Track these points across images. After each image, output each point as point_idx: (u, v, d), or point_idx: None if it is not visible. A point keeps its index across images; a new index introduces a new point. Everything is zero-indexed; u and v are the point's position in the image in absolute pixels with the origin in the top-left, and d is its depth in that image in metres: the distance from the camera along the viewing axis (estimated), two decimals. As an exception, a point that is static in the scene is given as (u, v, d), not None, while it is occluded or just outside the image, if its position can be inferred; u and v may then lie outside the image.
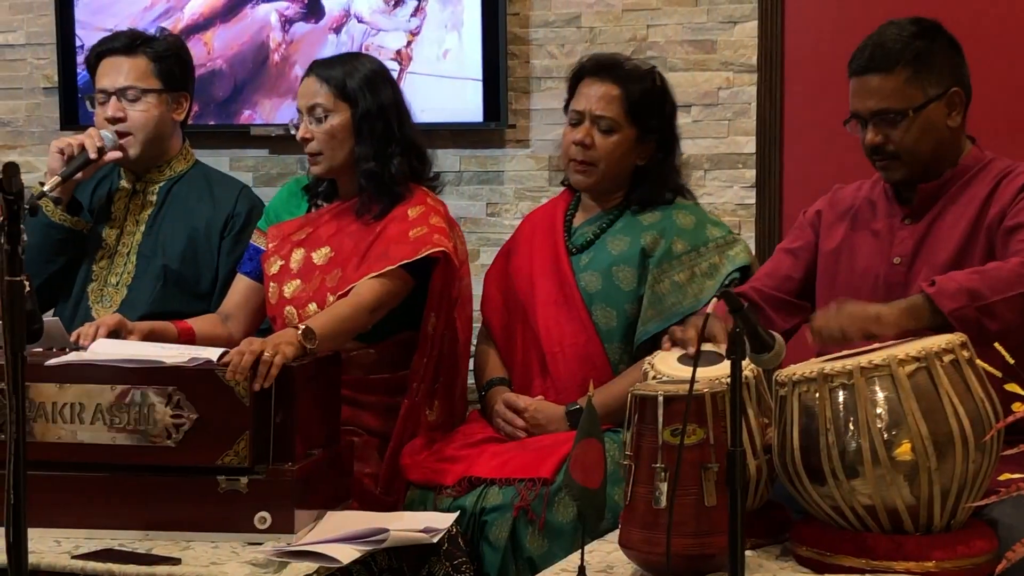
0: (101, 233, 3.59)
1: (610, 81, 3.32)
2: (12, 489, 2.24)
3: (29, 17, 4.74)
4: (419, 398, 3.29)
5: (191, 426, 2.78)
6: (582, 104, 3.32)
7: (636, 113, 3.30)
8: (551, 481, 3.02)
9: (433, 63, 4.31)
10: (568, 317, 3.30)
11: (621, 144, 3.30)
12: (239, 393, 2.77)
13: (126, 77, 3.50)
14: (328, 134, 3.31)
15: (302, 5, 4.41)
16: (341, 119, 3.31)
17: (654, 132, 3.33)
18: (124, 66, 3.52)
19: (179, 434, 2.78)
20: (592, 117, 3.30)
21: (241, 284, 3.47)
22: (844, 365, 2.50)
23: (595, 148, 3.29)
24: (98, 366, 2.83)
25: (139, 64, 3.52)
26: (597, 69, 3.35)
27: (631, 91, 3.30)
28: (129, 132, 3.50)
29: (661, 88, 3.36)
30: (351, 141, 3.32)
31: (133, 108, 3.50)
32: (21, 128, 4.80)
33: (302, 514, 2.80)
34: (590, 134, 3.30)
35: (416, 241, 3.24)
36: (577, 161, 3.31)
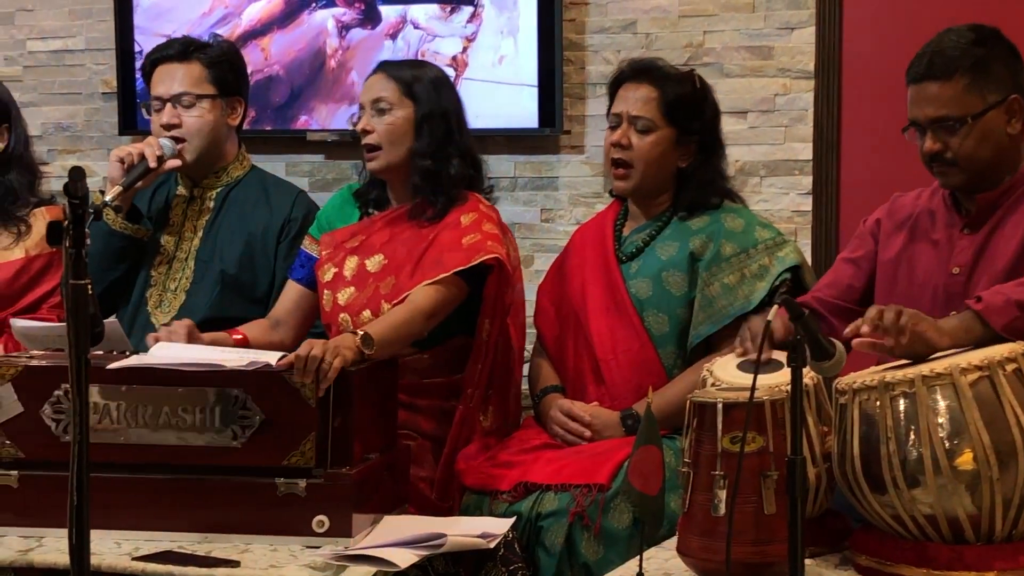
0: (160, 239, 3.61)
1: (647, 83, 3.32)
2: (75, 491, 2.26)
3: (88, 23, 4.79)
4: (474, 404, 3.30)
5: (257, 427, 2.80)
6: (620, 107, 3.34)
7: (673, 113, 3.30)
8: (607, 487, 3.01)
9: (489, 69, 4.32)
10: (621, 324, 3.30)
11: (658, 144, 3.30)
12: (305, 395, 2.79)
13: (180, 83, 3.53)
14: (389, 127, 3.33)
15: (359, 11, 4.43)
16: (403, 115, 3.34)
17: (694, 134, 3.33)
18: (178, 73, 3.54)
19: (245, 435, 2.80)
20: (629, 118, 3.31)
21: (292, 291, 3.49)
22: (905, 374, 2.49)
23: (632, 148, 3.30)
24: (160, 369, 2.85)
25: (193, 70, 3.55)
26: (635, 73, 3.36)
27: (667, 92, 3.31)
28: (184, 138, 3.53)
29: (701, 90, 3.35)
30: (410, 139, 3.34)
31: (188, 114, 3.53)
32: (80, 133, 4.85)
33: (360, 518, 2.81)
34: (627, 135, 3.30)
35: (470, 248, 3.25)
36: (615, 163, 3.32)
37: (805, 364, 2.31)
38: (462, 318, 3.32)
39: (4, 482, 2.86)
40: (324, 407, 2.82)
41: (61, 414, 2.86)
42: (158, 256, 3.61)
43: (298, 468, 2.80)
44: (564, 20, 4.25)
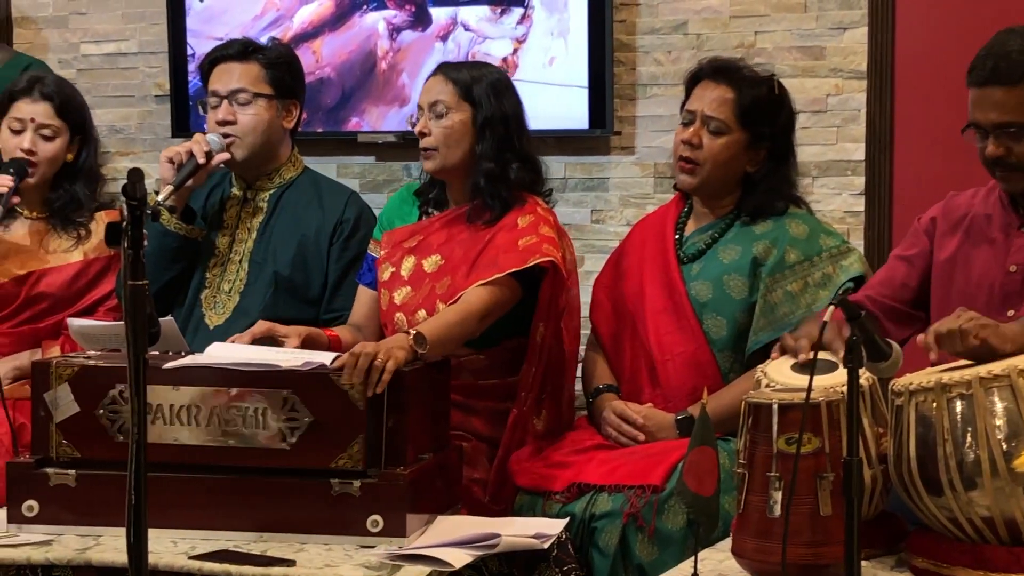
0: (214, 241, 3.63)
1: (725, 84, 3.31)
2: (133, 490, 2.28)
3: (142, 26, 4.83)
4: (527, 407, 3.30)
5: (305, 429, 2.81)
6: (695, 105, 3.32)
7: (747, 118, 3.28)
8: (661, 488, 3.01)
9: (539, 70, 4.31)
10: (678, 326, 3.29)
11: (729, 147, 3.29)
12: (353, 397, 2.80)
13: (238, 80, 3.55)
14: (446, 130, 3.34)
15: (410, 13, 4.44)
16: (461, 118, 3.35)
17: (766, 139, 3.31)
18: (236, 71, 3.57)
19: (293, 437, 2.81)
20: (703, 117, 3.29)
21: (364, 296, 3.50)
22: (963, 375, 2.47)
23: (702, 148, 3.29)
24: (214, 369, 2.87)
25: (251, 69, 3.57)
26: (714, 72, 3.34)
27: (744, 95, 3.29)
28: (236, 135, 3.55)
29: (779, 97, 3.33)
30: (467, 142, 3.35)
31: (243, 112, 3.55)
32: (133, 135, 4.88)
33: (413, 518, 2.82)
34: (698, 134, 3.29)
35: (525, 250, 3.25)
36: (683, 159, 3.31)
37: (861, 365, 2.30)
38: (518, 320, 3.32)
39: (62, 481, 2.88)
40: (374, 409, 2.82)
41: (116, 414, 2.89)
42: (212, 258, 3.63)
43: (348, 470, 2.81)
44: (614, 21, 4.24)
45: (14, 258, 3.70)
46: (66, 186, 3.73)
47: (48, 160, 3.67)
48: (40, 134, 3.66)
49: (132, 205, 2.29)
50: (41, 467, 2.90)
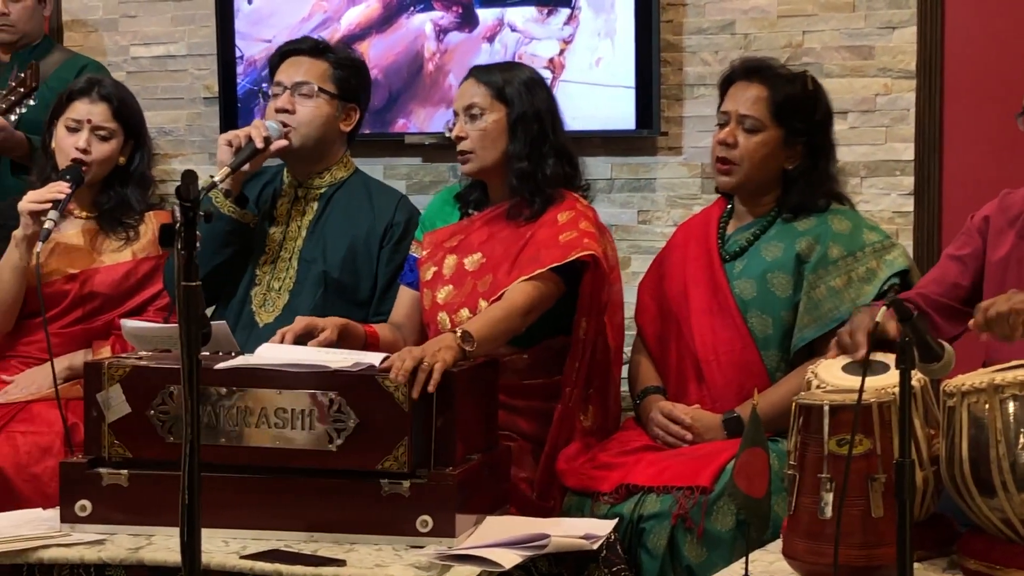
0: (265, 236, 3.65)
1: (758, 82, 3.32)
2: (187, 490, 2.30)
3: (190, 28, 4.86)
4: (573, 403, 3.31)
5: (352, 431, 2.82)
6: (729, 105, 3.33)
7: (782, 114, 3.28)
8: (710, 489, 3.00)
9: (586, 71, 4.31)
10: (723, 325, 3.28)
11: (765, 144, 3.29)
12: (398, 399, 2.81)
13: (304, 74, 3.58)
14: (481, 132, 3.36)
15: (456, 15, 4.45)
16: (495, 119, 3.36)
17: (802, 135, 3.31)
18: (305, 65, 3.60)
19: (340, 438, 2.82)
20: (738, 117, 3.30)
21: (406, 295, 3.52)
22: (1016, 376, 2.46)
23: (738, 147, 3.29)
24: (264, 370, 2.88)
25: (319, 66, 3.60)
26: (746, 72, 3.35)
27: (777, 92, 3.30)
28: (292, 125, 3.56)
29: (813, 93, 3.33)
30: (504, 142, 3.36)
31: (303, 104, 3.57)
32: (182, 137, 4.91)
33: (463, 518, 2.83)
34: (733, 133, 3.30)
35: (566, 245, 3.26)
36: (720, 160, 3.31)
37: (914, 366, 2.29)
38: (560, 318, 3.33)
39: (114, 481, 2.91)
40: (425, 409, 2.83)
41: (167, 415, 2.90)
42: (263, 255, 3.65)
43: (393, 473, 2.81)
44: (661, 21, 4.24)
45: (65, 257, 3.73)
46: (117, 188, 3.77)
47: (101, 161, 3.70)
48: (96, 134, 3.69)
49: (185, 207, 2.31)
50: (94, 467, 2.93)
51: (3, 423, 3.48)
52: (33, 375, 3.64)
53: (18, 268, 3.58)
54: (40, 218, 3.51)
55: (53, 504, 3.08)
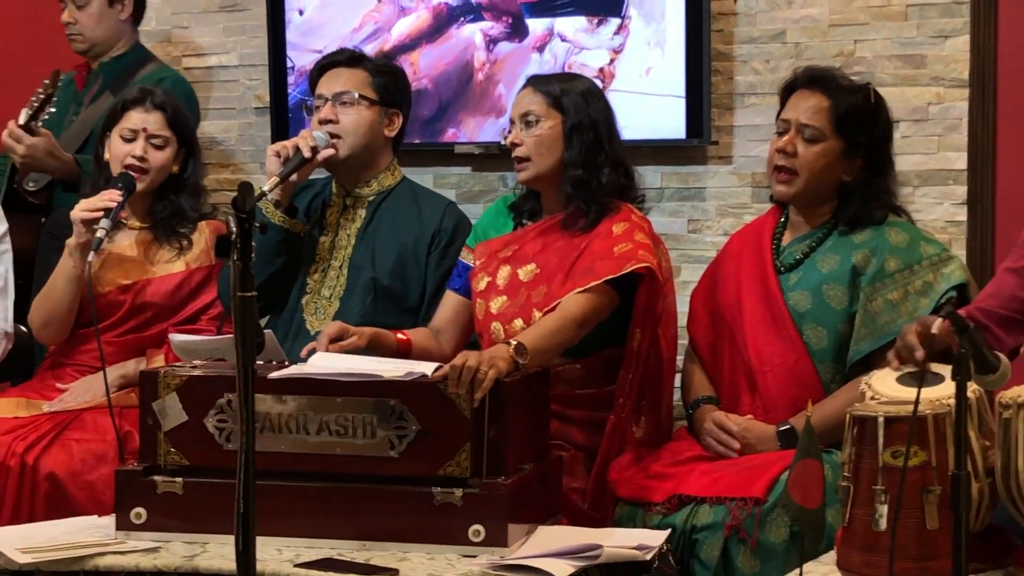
0: (315, 245, 3.68)
1: (820, 92, 3.30)
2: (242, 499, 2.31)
3: (242, 39, 4.89)
4: (625, 414, 3.30)
5: (413, 438, 2.83)
6: (790, 113, 3.31)
7: (843, 126, 3.27)
8: (763, 500, 2.99)
9: (636, 80, 4.31)
10: (777, 336, 3.27)
11: (824, 155, 3.27)
12: (460, 405, 2.82)
13: (344, 84, 3.63)
14: (537, 139, 3.37)
15: (506, 25, 4.46)
16: (551, 126, 3.37)
17: (862, 148, 3.29)
18: (343, 75, 3.65)
19: (402, 445, 2.84)
20: (798, 126, 3.28)
21: (450, 300, 3.53)
22: (1073, 387, 2.44)
23: (797, 156, 3.28)
24: (320, 379, 2.90)
25: (358, 74, 3.64)
26: (809, 81, 3.33)
27: (839, 103, 3.28)
28: (339, 135, 3.60)
29: (875, 105, 3.31)
30: (559, 149, 3.37)
31: (346, 112, 3.61)
32: (234, 147, 4.94)
33: (515, 528, 2.83)
34: (793, 142, 3.28)
35: (621, 256, 3.26)
36: (778, 168, 3.29)
37: (970, 378, 2.28)
38: (614, 329, 3.33)
39: (170, 489, 2.93)
40: (479, 418, 2.85)
41: (224, 423, 2.93)
42: (313, 264, 3.68)
43: (453, 478, 2.83)
44: (712, 31, 4.23)
45: (119, 268, 3.76)
46: (171, 197, 3.80)
47: (157, 168, 3.73)
48: (151, 143, 3.72)
49: (241, 218, 2.33)
50: (149, 475, 2.96)
51: (58, 431, 3.51)
52: (87, 383, 3.67)
53: (72, 277, 3.62)
54: (92, 226, 3.54)
55: (107, 511, 3.11)
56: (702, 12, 4.19)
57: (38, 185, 4.20)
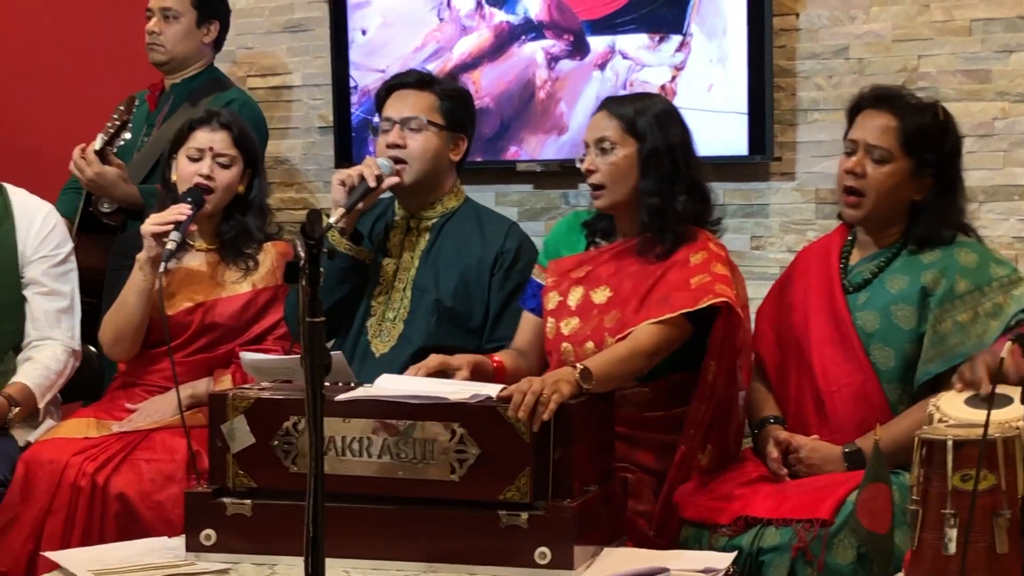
0: (379, 268, 3.70)
1: (888, 112, 3.27)
2: (311, 522, 2.34)
3: (306, 59, 4.94)
4: (695, 444, 3.27)
5: (474, 461, 2.84)
6: (858, 134, 3.29)
7: (912, 145, 3.24)
8: (830, 522, 2.96)
9: (698, 97, 4.31)
10: (844, 356, 3.25)
11: (893, 175, 3.25)
12: (520, 430, 2.83)
13: (412, 108, 3.63)
14: (612, 167, 3.33)
15: (568, 43, 4.48)
16: (626, 153, 3.33)
17: (931, 167, 3.26)
18: (412, 98, 3.65)
19: (463, 469, 2.85)
20: (866, 146, 3.26)
21: (527, 321, 3.53)
22: None
23: (866, 177, 3.25)
24: (384, 401, 2.92)
25: (426, 99, 3.64)
26: (876, 100, 3.30)
27: (908, 123, 3.25)
28: (406, 160, 3.61)
29: (943, 123, 3.28)
30: (634, 177, 3.33)
31: (413, 138, 3.61)
32: (297, 166, 4.99)
33: (581, 550, 2.83)
34: (862, 163, 3.26)
35: (698, 289, 3.22)
36: (847, 190, 3.27)
37: (1041, 401, 2.26)
38: (685, 354, 3.28)
39: (238, 511, 2.96)
40: (541, 442, 2.85)
41: (290, 445, 2.95)
42: (377, 286, 3.69)
43: (515, 503, 2.83)
44: (774, 47, 4.23)
45: (187, 289, 3.79)
46: (237, 217, 3.83)
47: (224, 187, 3.76)
48: (217, 162, 3.76)
49: (310, 244, 2.35)
50: (218, 497, 2.98)
51: (127, 451, 3.54)
52: (156, 403, 3.70)
53: (142, 291, 3.66)
54: (162, 239, 3.58)
55: (176, 531, 3.14)
56: (764, 28, 4.20)
57: (112, 207, 4.25)
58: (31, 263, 3.80)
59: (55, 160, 4.56)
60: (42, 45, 5.32)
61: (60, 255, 3.85)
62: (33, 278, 3.80)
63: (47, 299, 3.81)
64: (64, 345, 3.80)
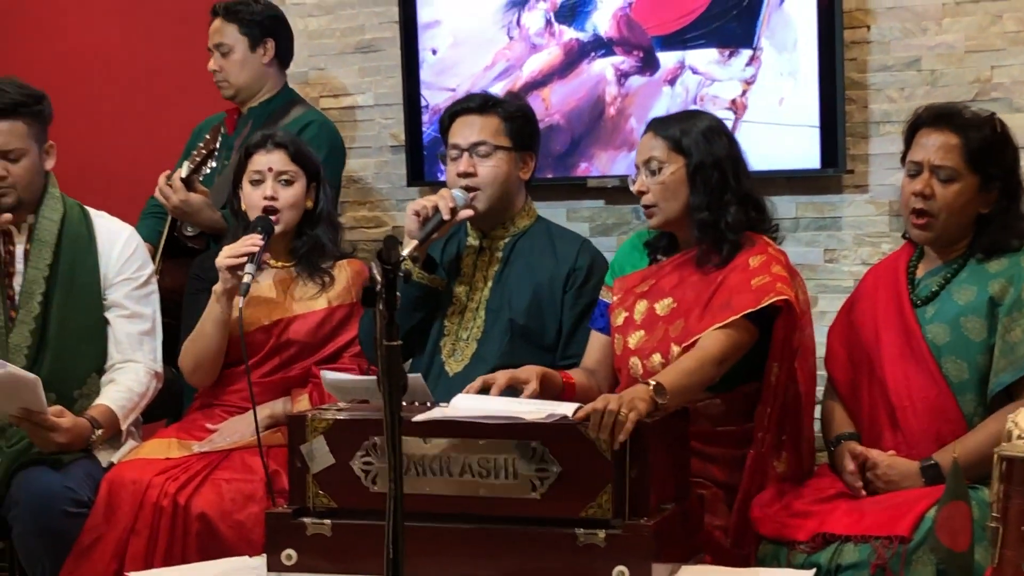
0: (452, 289, 3.73)
1: (948, 130, 3.27)
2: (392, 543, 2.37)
3: (377, 79, 4.98)
4: (765, 449, 3.29)
5: (555, 479, 2.86)
6: (920, 155, 3.29)
7: (977, 161, 3.24)
8: (909, 539, 2.96)
9: (769, 111, 4.31)
10: (917, 370, 3.25)
11: (963, 194, 3.25)
12: (600, 447, 2.84)
13: (478, 133, 3.66)
14: (662, 186, 3.37)
15: (637, 59, 4.49)
16: (674, 171, 3.37)
17: (996, 179, 3.26)
18: (477, 124, 3.67)
19: (543, 486, 2.87)
20: (931, 167, 3.26)
21: (597, 341, 3.55)
22: None
23: (935, 198, 3.26)
24: (463, 421, 2.94)
25: (491, 122, 3.67)
26: (934, 119, 3.31)
27: (970, 139, 3.25)
28: (478, 187, 3.64)
29: (1002, 135, 3.29)
30: (684, 193, 3.37)
31: (483, 163, 3.64)
32: (370, 185, 5.03)
33: (659, 568, 2.84)
34: (929, 184, 3.26)
35: (758, 290, 3.26)
36: (916, 212, 3.27)
37: (1121, 417, 2.24)
38: (754, 364, 3.32)
39: (318, 531, 2.99)
40: (620, 459, 2.86)
41: (369, 465, 2.98)
42: (451, 306, 3.72)
43: (595, 520, 2.85)
44: (846, 59, 4.21)
45: (263, 307, 3.83)
46: (309, 232, 3.87)
47: (291, 205, 3.81)
48: (279, 181, 3.80)
49: (387, 269, 2.39)
50: (298, 517, 3.02)
51: (208, 471, 3.58)
52: (236, 423, 3.75)
53: (219, 321, 3.70)
54: (237, 272, 3.62)
55: (256, 550, 3.19)
56: (835, 41, 4.18)
57: (196, 231, 4.31)
58: (113, 286, 3.86)
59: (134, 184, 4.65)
60: (122, 73, 5.41)
61: (142, 277, 3.91)
62: (115, 301, 3.86)
63: (129, 321, 3.87)
64: (146, 367, 3.85)
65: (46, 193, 3.85)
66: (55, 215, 3.84)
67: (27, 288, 3.77)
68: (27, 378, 3.45)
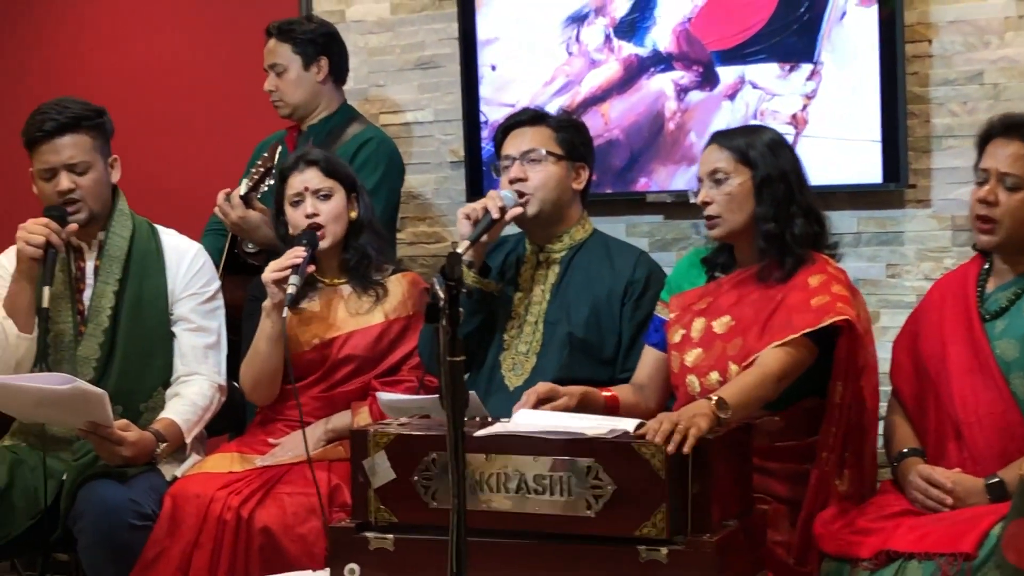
0: (510, 302, 3.75)
1: (1018, 139, 3.26)
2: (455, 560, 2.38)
3: (436, 96, 5.00)
4: (829, 468, 3.27)
5: (609, 498, 2.86)
6: (989, 163, 3.27)
7: None
8: (973, 556, 2.93)
9: (830, 125, 4.29)
10: (984, 386, 3.22)
11: None
12: (655, 466, 2.84)
13: (530, 142, 3.70)
14: (727, 196, 3.38)
15: (697, 74, 4.48)
16: (740, 182, 3.38)
17: None
18: (528, 134, 3.73)
19: (598, 504, 2.86)
20: (998, 175, 3.25)
21: (650, 356, 3.56)
22: None
23: (998, 205, 3.24)
24: (522, 437, 2.95)
25: (542, 132, 3.72)
26: (1006, 128, 3.29)
27: None
28: (528, 192, 3.66)
29: None
30: (750, 205, 3.38)
31: (534, 169, 3.68)
32: (429, 200, 5.05)
33: (721, 584, 2.84)
34: (994, 191, 3.24)
35: (819, 309, 3.24)
36: (980, 219, 3.25)
37: None
38: (813, 379, 3.31)
39: (381, 545, 3.01)
40: (681, 476, 2.85)
41: (429, 480, 2.99)
42: (509, 320, 3.74)
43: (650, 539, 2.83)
44: (907, 74, 4.19)
45: (320, 324, 3.86)
46: (355, 243, 3.89)
47: (333, 218, 3.83)
48: (317, 197, 3.83)
49: (450, 285, 2.40)
50: (361, 531, 3.03)
51: (270, 485, 3.61)
52: (296, 438, 3.75)
53: (273, 337, 3.73)
54: (283, 285, 3.65)
55: (318, 563, 3.21)
56: (896, 55, 4.16)
57: (256, 248, 4.35)
58: (180, 300, 3.91)
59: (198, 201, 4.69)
60: (186, 93, 5.46)
61: (208, 292, 3.96)
62: (182, 315, 3.90)
63: (195, 335, 3.91)
64: (211, 380, 3.89)
65: (115, 209, 3.91)
66: (125, 231, 3.89)
67: (96, 303, 3.83)
68: (95, 393, 3.49)
